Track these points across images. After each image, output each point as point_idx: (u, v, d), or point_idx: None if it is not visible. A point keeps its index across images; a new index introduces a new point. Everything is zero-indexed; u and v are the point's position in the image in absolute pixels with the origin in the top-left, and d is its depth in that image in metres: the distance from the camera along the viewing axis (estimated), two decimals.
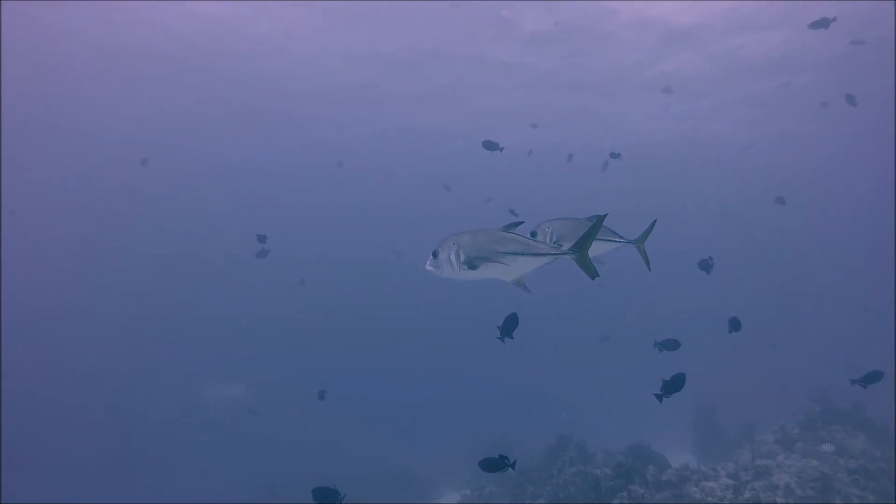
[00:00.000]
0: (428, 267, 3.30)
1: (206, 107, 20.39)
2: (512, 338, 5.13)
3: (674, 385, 5.48)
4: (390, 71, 18.22)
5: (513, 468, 4.98)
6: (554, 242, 3.81)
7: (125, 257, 31.99)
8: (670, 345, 7.25)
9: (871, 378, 6.94)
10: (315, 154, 24.25)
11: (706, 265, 8.24)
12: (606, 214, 3.60)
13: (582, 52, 17.37)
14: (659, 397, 5.56)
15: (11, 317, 27.49)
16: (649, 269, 4.12)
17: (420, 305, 25.31)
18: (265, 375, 28.02)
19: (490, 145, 9.40)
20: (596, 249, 3.60)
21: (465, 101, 20.61)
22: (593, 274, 3.22)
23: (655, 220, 3.93)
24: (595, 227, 3.15)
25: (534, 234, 3.91)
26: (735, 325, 7.01)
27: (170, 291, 33.63)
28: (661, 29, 16.44)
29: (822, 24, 11.47)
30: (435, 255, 3.25)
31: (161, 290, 33.50)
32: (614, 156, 12.30)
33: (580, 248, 3.17)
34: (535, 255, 3.19)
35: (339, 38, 16.23)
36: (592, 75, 19.05)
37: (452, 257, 3.19)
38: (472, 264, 3.16)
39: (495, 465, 5.02)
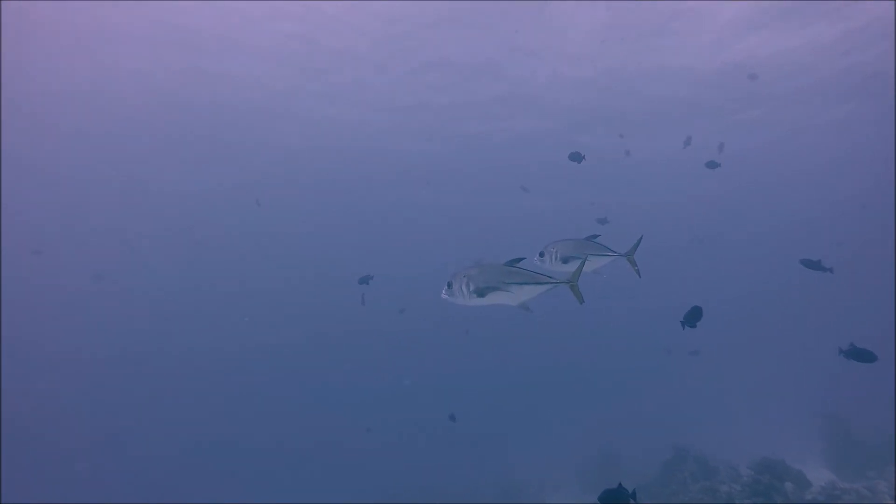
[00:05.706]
0: (443, 296, 3.84)
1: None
2: (694, 327, 5.41)
3: None
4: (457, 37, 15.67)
5: (635, 500, 4.70)
6: (558, 260, 4.53)
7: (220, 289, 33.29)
8: (864, 356, 6.02)
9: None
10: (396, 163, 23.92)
11: (817, 266, 7.83)
12: (599, 235, 4.61)
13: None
14: None
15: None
16: (639, 277, 4.66)
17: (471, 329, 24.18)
18: (384, 391, 28.72)
19: (576, 157, 9.49)
20: (594, 263, 4.53)
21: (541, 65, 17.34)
22: (581, 300, 3.87)
23: (642, 236, 4.59)
24: (583, 263, 3.88)
25: (542, 254, 4.58)
26: None
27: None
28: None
29: None
30: (449, 285, 3.81)
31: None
32: (712, 165, 11.83)
33: (572, 279, 3.82)
34: (537, 283, 3.83)
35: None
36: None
37: (464, 287, 3.76)
38: (480, 293, 3.75)
39: (616, 496, 4.70)
